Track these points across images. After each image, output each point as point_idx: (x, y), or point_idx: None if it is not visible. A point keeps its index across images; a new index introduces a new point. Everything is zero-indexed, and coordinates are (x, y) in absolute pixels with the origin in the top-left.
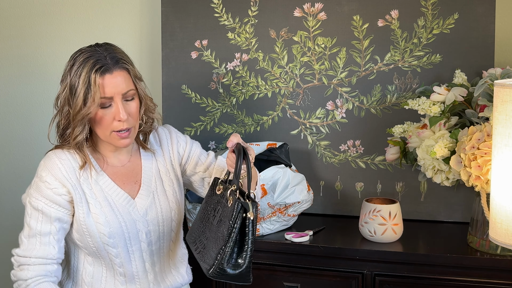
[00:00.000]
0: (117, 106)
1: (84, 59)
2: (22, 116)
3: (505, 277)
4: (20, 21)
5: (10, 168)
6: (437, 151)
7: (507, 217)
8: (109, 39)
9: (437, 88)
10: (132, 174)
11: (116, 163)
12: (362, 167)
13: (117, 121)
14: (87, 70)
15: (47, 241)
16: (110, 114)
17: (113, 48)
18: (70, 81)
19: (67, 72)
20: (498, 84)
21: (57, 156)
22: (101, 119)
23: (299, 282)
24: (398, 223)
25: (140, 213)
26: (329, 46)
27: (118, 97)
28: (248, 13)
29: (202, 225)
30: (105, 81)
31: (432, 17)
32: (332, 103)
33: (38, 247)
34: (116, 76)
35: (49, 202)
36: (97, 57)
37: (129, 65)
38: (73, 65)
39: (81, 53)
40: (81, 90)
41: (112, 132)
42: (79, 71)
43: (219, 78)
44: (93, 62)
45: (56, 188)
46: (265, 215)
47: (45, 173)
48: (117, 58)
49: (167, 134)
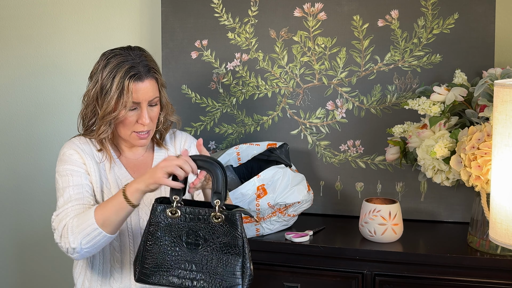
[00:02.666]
0: (142, 111)
1: (119, 63)
2: (23, 116)
3: (505, 277)
4: (20, 21)
5: (11, 169)
6: (437, 151)
7: (507, 217)
8: (109, 39)
9: (437, 88)
10: (143, 167)
11: (130, 156)
12: (362, 167)
13: (140, 124)
14: (121, 75)
15: (81, 191)
16: (134, 116)
17: (145, 55)
18: (102, 81)
19: (99, 70)
20: (498, 84)
21: (78, 139)
22: (125, 120)
23: (299, 282)
24: (398, 223)
25: (145, 202)
26: (329, 46)
27: (144, 103)
28: (248, 13)
29: (178, 256)
30: (137, 87)
31: (432, 17)
32: (332, 103)
33: (74, 195)
34: (146, 84)
35: (75, 166)
36: (131, 63)
37: (158, 74)
38: (106, 65)
39: (114, 54)
40: (114, 93)
41: (133, 132)
42: (112, 74)
43: (219, 78)
44: (128, 68)
45: (78, 158)
46: (265, 215)
47: (66, 149)
48: (149, 67)
49: (183, 138)
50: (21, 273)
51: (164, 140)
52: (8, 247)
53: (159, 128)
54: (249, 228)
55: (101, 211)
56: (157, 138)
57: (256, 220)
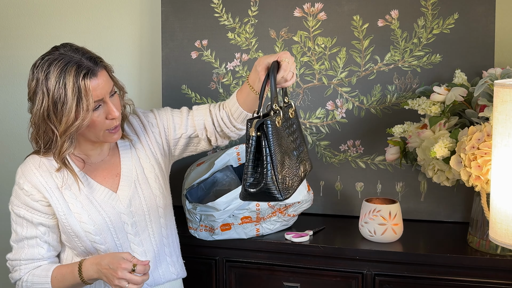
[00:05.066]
0: (109, 106)
1: (62, 67)
2: (22, 116)
3: (505, 277)
4: (20, 21)
5: (13, 166)
6: (437, 151)
7: (507, 217)
8: (109, 39)
9: (437, 88)
10: (112, 168)
11: (96, 159)
12: (362, 167)
13: (110, 119)
14: (73, 78)
15: (34, 243)
16: (102, 114)
17: (78, 48)
18: (52, 94)
19: (40, 84)
20: (498, 84)
21: (33, 162)
22: (94, 123)
23: (299, 282)
24: (398, 223)
25: (124, 205)
26: (329, 46)
27: (107, 97)
28: (248, 13)
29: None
30: (94, 84)
31: (432, 17)
32: (332, 103)
33: (26, 250)
34: (101, 76)
35: (29, 208)
36: (75, 61)
37: (103, 61)
38: (48, 75)
39: (50, 62)
40: (72, 101)
41: (105, 131)
42: (61, 81)
43: (219, 78)
44: (76, 68)
45: (33, 195)
46: (265, 215)
47: (22, 180)
48: (94, 58)
49: (137, 120)
50: None
51: (124, 130)
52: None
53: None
54: (249, 228)
55: (57, 284)
56: None
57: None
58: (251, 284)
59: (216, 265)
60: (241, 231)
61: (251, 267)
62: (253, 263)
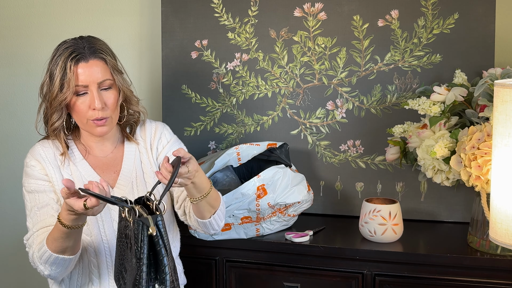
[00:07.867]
0: (92, 95)
1: (65, 48)
2: (22, 116)
3: (505, 277)
4: (19, 21)
5: (11, 167)
6: (437, 151)
7: (507, 217)
8: (109, 39)
9: (437, 88)
10: (113, 164)
11: (99, 154)
12: (362, 167)
13: (92, 109)
14: (64, 58)
15: (46, 212)
16: (85, 102)
17: (95, 40)
18: (50, 69)
19: (49, 61)
20: (498, 84)
21: (41, 145)
22: (77, 107)
23: (299, 282)
24: (398, 223)
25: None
26: (329, 46)
27: (93, 86)
28: (248, 13)
29: (120, 258)
30: (80, 69)
31: (432, 17)
32: (332, 103)
33: (40, 218)
34: (91, 65)
35: (38, 180)
36: (75, 47)
37: (107, 56)
38: (55, 55)
39: (64, 43)
40: (57, 76)
41: (89, 120)
42: (57, 60)
43: (219, 78)
44: (71, 51)
45: (40, 169)
46: (265, 215)
47: (29, 159)
48: (95, 48)
49: (153, 128)
50: (21, 273)
51: (135, 133)
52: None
53: (126, 120)
54: (249, 228)
55: (50, 241)
56: (127, 132)
57: None
58: (251, 284)
59: (216, 265)
60: (241, 231)
61: (251, 267)
62: (253, 263)
